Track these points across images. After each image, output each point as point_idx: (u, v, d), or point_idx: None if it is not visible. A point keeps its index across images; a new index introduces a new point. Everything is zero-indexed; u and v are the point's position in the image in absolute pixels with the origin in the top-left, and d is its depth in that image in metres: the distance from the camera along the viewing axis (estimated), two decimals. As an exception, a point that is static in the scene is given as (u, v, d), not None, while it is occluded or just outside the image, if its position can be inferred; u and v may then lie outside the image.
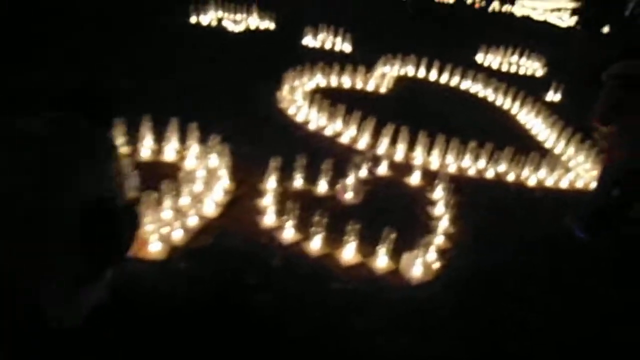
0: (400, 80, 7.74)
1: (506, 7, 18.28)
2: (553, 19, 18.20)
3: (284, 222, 3.56)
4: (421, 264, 3.39)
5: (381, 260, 3.42)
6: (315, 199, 4.13)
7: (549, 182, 5.21)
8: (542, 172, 5.25)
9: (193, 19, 8.99)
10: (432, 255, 3.54)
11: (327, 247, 3.49)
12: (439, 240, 3.79)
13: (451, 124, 6.35)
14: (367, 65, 7.39)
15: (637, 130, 3.89)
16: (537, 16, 18.13)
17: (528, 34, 13.00)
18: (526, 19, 17.28)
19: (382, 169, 4.75)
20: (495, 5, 18.30)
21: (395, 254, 3.44)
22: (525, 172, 5.19)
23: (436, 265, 3.53)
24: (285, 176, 4.15)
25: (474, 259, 3.75)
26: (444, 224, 4.00)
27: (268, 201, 3.84)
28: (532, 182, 5.13)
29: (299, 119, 5.58)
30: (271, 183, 4.08)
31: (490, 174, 5.12)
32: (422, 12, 13.36)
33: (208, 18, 9.10)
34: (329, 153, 4.78)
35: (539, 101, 7.38)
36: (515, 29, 14.16)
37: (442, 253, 3.68)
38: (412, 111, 6.56)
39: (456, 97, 7.53)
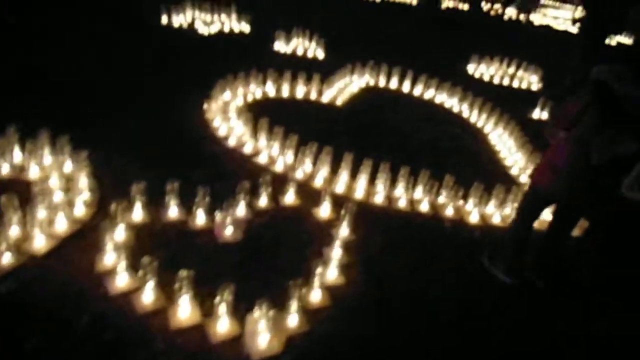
0: (367, 92, 6.95)
1: (523, 16, 17.05)
2: (574, 29, 16.85)
3: (117, 264, 2.87)
4: (269, 330, 2.63)
5: (222, 324, 2.68)
6: (188, 233, 3.43)
7: (497, 220, 4.32)
8: (491, 207, 4.37)
9: (164, 20, 8.45)
10: (293, 319, 2.78)
11: (162, 301, 2.78)
12: (315, 295, 3.02)
13: (408, 144, 5.57)
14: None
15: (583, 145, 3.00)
16: (558, 26, 16.82)
17: (538, 45, 11.91)
18: (544, 28, 16.02)
19: (289, 198, 3.99)
20: (512, 14, 17.11)
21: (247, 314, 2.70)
22: (470, 206, 4.32)
23: (291, 331, 2.76)
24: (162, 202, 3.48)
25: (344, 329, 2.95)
26: (331, 274, 3.23)
27: (119, 235, 3.16)
28: (474, 218, 4.26)
29: (221, 133, 4.88)
30: (137, 211, 3.41)
31: (424, 207, 4.28)
32: (432, 20, 12.44)
33: (180, 19, 8.53)
34: (235, 174, 4.09)
35: (521, 118, 6.44)
36: (526, 39, 13.05)
37: (314, 314, 2.92)
38: (366, 128, 5.78)
39: (426, 111, 6.66)
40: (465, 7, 16.77)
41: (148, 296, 2.76)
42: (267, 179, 3.83)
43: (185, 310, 2.70)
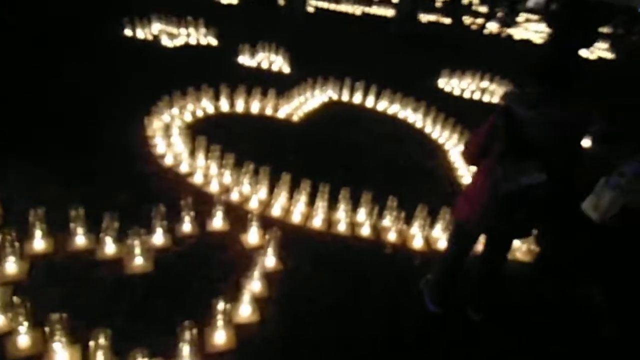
0: (328, 107, 6.68)
1: (504, 30, 16.95)
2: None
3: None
4: (151, 381, 2.30)
5: (100, 372, 2.35)
6: (93, 263, 3.11)
7: (442, 245, 4.02)
8: (437, 230, 4.07)
9: (128, 32, 8.19)
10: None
11: (38, 346, 2.45)
12: (218, 337, 2.70)
13: (363, 162, 5.28)
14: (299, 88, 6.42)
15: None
16: (538, 40, 16.71)
17: (515, 59, 11.73)
18: (523, 43, 15.89)
19: (217, 222, 3.68)
20: (492, 28, 17.01)
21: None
22: (415, 229, 4.02)
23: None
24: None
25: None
26: (243, 311, 2.91)
27: (9, 268, 2.84)
28: (417, 242, 3.96)
29: (159, 151, 4.57)
30: (37, 241, 3.09)
31: (365, 231, 3.97)
32: (408, 34, 12.24)
33: (144, 31, 8.27)
34: (166, 196, 3.78)
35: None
36: (504, 53, 12.89)
37: (213, 358, 2.60)
38: (320, 145, 5.48)
39: (388, 128, 6.38)
40: (447, 21, 16.68)
41: (22, 340, 2.43)
42: (189, 201, 3.52)
43: (60, 357, 2.37)
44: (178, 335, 2.43)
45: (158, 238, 3.35)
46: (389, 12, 15.40)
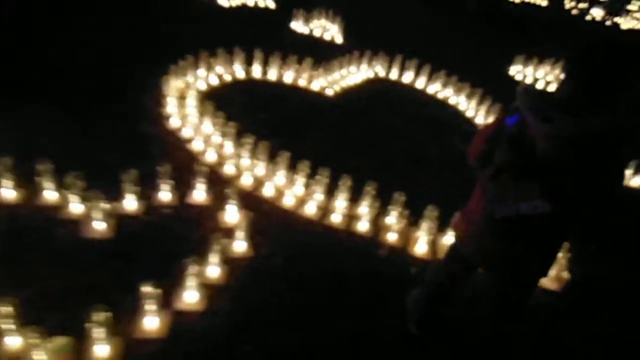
0: (372, 84, 6.12)
1: (610, 18, 14.95)
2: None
3: None
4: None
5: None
6: (55, 221, 2.95)
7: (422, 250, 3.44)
8: (449, 237, 3.50)
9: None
10: (101, 349, 2.22)
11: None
12: (149, 323, 2.42)
13: (389, 148, 4.75)
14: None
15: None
16: (649, 31, 14.58)
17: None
18: (629, 33, 13.92)
19: (198, 195, 3.39)
20: (596, 14, 15.07)
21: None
22: (421, 233, 3.48)
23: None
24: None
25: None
26: (189, 297, 2.61)
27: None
28: (420, 248, 3.42)
29: (168, 112, 4.35)
30: (6, 190, 2.99)
31: (363, 226, 3.50)
32: (485, 11, 11.12)
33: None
34: (156, 159, 3.56)
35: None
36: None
37: (137, 346, 2.33)
38: (346, 124, 5.01)
39: (432, 112, 5.73)
40: (543, 2, 15.02)
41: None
42: (168, 168, 3.25)
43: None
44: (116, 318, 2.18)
45: (129, 203, 3.12)
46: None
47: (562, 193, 1.81)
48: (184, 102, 4.43)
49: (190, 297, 2.61)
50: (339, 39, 7.36)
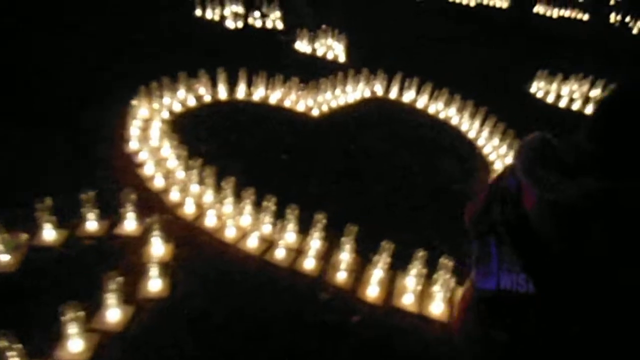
0: (366, 103, 5.71)
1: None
2: None
3: None
4: None
5: None
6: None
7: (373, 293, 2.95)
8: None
9: (198, 12, 8.02)
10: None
11: None
12: None
13: (368, 173, 4.30)
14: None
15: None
16: None
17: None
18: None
19: (128, 225, 3.10)
20: (644, 26, 13.88)
21: None
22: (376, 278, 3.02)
23: None
24: None
25: None
26: (74, 346, 2.29)
27: None
28: (372, 292, 2.95)
29: (129, 136, 4.13)
30: None
31: (309, 264, 3.07)
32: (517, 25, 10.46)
33: (212, 12, 8.03)
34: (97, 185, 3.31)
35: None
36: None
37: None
38: (323, 148, 4.61)
39: (428, 134, 5.23)
40: (584, 17, 14.02)
41: None
42: (90, 196, 2.98)
43: None
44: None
45: (47, 234, 2.88)
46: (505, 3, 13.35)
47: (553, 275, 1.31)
48: (150, 124, 4.21)
49: (74, 346, 2.28)
50: (342, 58, 7.01)
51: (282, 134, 4.69)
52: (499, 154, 4.96)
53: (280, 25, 8.06)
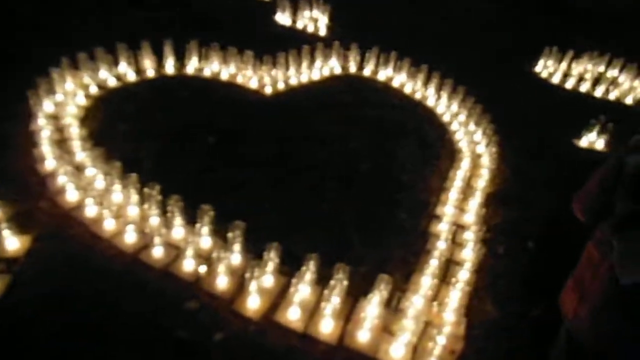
0: (334, 81, 5.13)
1: None
2: None
3: None
4: None
5: None
6: None
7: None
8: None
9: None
10: None
11: None
12: None
13: (304, 159, 3.78)
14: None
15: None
16: None
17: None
18: None
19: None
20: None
21: None
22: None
23: None
24: None
25: None
26: None
27: None
28: (220, 282, 2.47)
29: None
30: None
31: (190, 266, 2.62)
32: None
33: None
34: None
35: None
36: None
37: None
38: (264, 132, 4.09)
39: (397, 117, 4.61)
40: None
41: None
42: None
43: None
44: None
45: None
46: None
47: None
48: (68, 101, 3.82)
49: None
50: (323, 31, 6.40)
51: (220, 114, 4.20)
52: (471, 140, 4.32)
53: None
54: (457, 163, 3.96)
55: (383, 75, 5.29)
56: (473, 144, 4.28)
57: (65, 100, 3.83)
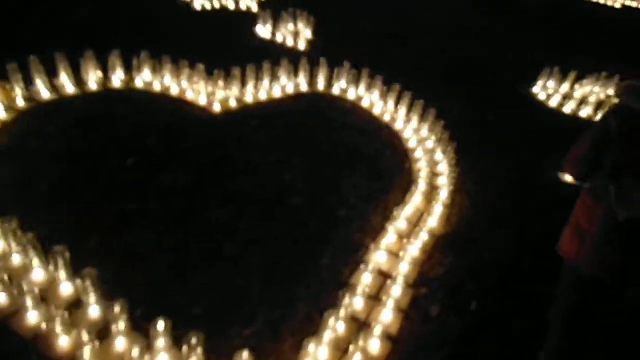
0: (296, 99, 4.67)
1: None
2: None
3: None
4: None
5: None
6: None
7: None
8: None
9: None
10: None
11: None
12: None
13: (217, 194, 3.32)
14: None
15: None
16: None
17: None
18: None
19: None
20: None
21: None
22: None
23: None
24: None
25: None
26: None
27: None
28: None
29: None
30: None
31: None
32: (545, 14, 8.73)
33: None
34: None
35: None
36: None
37: None
38: (194, 153, 3.67)
39: (357, 140, 4.11)
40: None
41: None
42: None
43: None
44: None
45: None
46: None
47: None
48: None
49: None
50: (302, 45, 5.96)
51: (154, 133, 3.80)
52: (433, 170, 3.76)
53: (255, 8, 7.12)
54: (408, 197, 3.41)
55: (353, 93, 4.79)
56: (435, 175, 3.72)
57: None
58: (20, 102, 3.82)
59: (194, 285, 2.50)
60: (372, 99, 4.68)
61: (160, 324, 1.99)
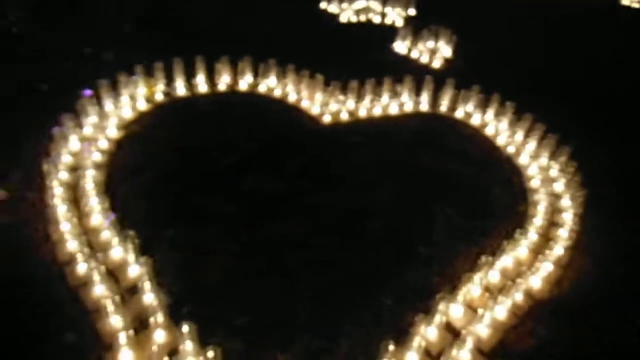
0: (417, 119, 4.38)
1: None
2: None
3: None
4: None
5: None
6: None
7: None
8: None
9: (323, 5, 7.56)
10: None
11: None
12: None
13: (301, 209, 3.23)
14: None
15: None
16: None
17: None
18: None
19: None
20: None
21: None
22: None
23: None
24: None
25: None
26: None
27: None
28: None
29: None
30: None
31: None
32: None
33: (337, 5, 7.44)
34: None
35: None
36: None
37: None
38: (275, 167, 3.64)
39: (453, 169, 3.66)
40: None
41: None
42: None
43: None
44: None
45: None
46: None
47: None
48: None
49: None
50: (437, 64, 5.58)
51: (256, 135, 3.87)
52: (552, 220, 3.12)
53: (400, 23, 6.93)
54: (511, 245, 2.87)
55: (478, 119, 4.30)
56: (553, 225, 3.08)
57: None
58: (159, 97, 4.29)
59: (244, 294, 2.44)
60: (498, 127, 4.13)
61: (185, 328, 1.95)
